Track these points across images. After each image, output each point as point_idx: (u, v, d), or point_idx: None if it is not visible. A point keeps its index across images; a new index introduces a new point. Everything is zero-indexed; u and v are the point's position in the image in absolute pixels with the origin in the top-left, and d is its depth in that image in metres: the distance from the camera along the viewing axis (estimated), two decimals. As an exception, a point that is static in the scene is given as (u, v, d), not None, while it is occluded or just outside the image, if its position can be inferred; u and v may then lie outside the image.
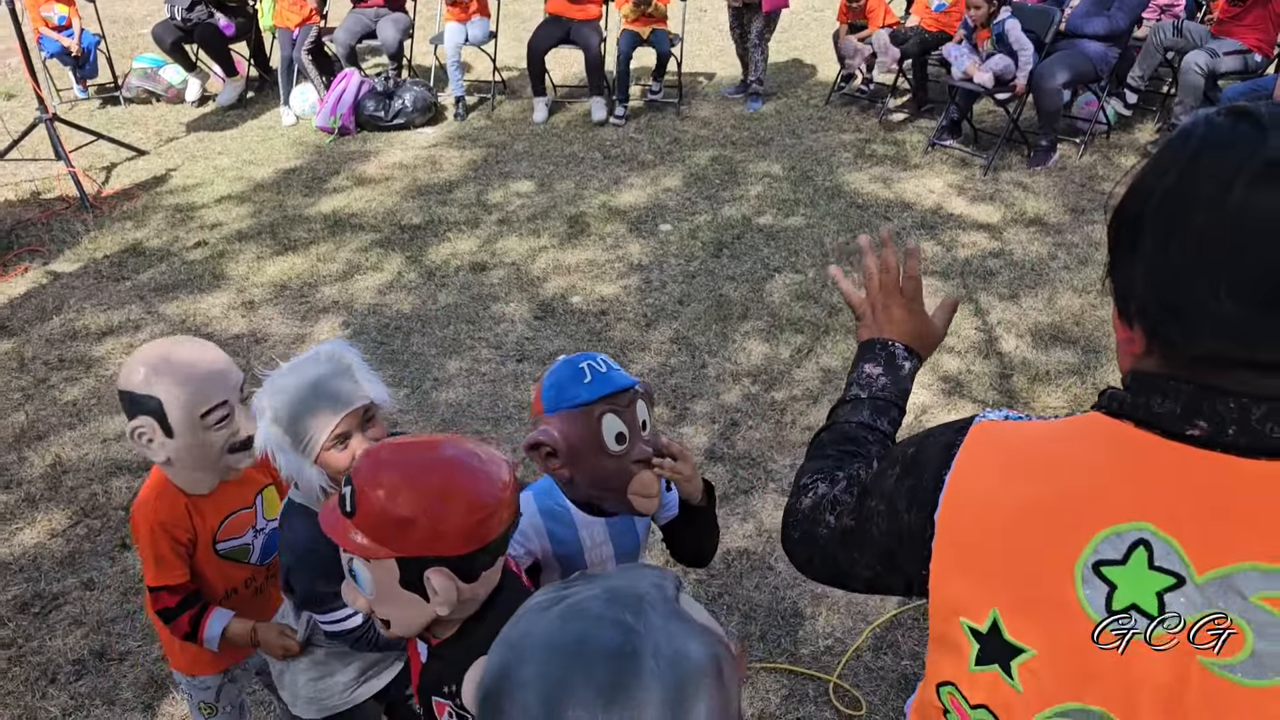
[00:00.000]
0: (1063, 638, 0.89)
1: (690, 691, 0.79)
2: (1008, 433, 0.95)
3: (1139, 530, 0.85)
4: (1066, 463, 0.90)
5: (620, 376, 1.58)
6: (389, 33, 6.94)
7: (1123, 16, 5.75)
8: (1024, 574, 0.90)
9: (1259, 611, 0.81)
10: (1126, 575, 0.85)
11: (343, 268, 4.96)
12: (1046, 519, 0.89)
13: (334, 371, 1.63)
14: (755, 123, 6.76)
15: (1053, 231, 5.11)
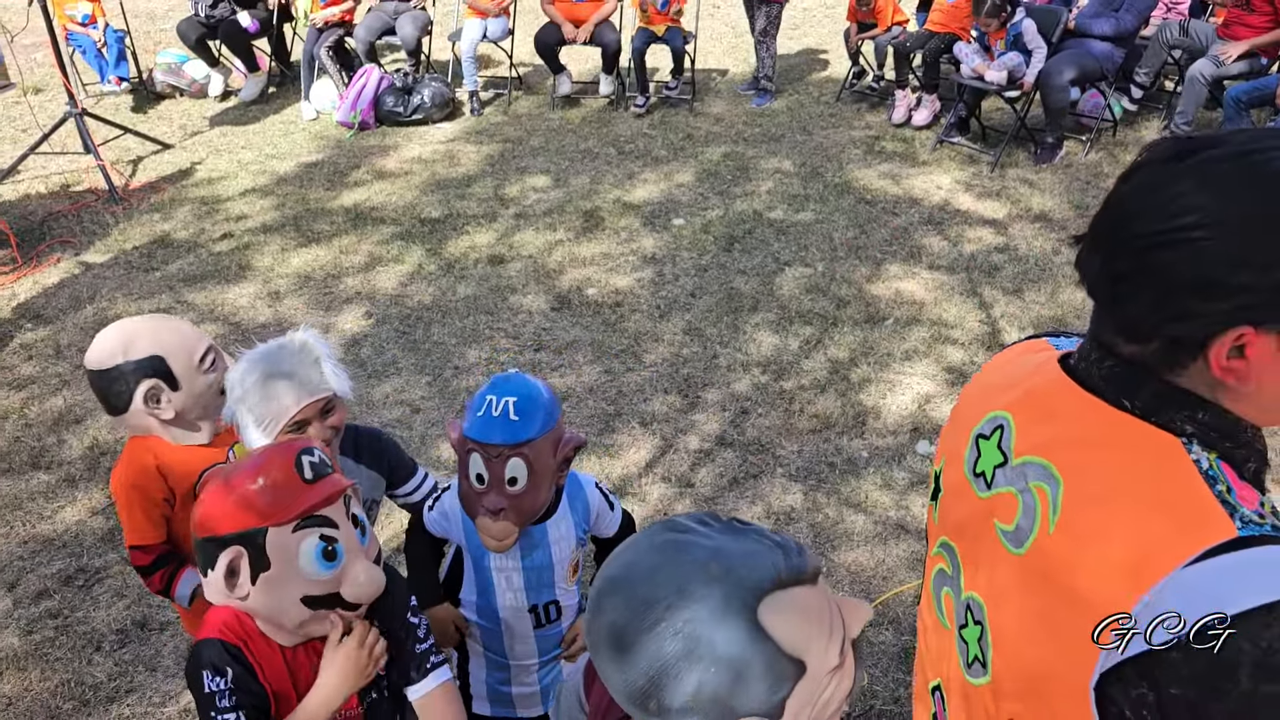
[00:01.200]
0: (952, 487, 1.15)
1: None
2: (1030, 345, 1.18)
3: (1003, 417, 1.08)
4: (1010, 364, 1.15)
5: (502, 432, 1.65)
6: (408, 29, 7.08)
7: (1131, 17, 5.85)
8: (955, 434, 1.17)
9: (1029, 495, 1.00)
10: (987, 448, 1.09)
11: (365, 259, 5.11)
12: (977, 397, 1.15)
13: (302, 360, 1.75)
14: (766, 119, 6.88)
15: (1057, 227, 5.23)
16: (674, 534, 0.90)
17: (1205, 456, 0.92)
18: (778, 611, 0.86)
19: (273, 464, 1.41)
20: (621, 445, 3.72)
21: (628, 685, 0.87)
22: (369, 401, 4.02)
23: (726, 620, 0.84)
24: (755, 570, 0.86)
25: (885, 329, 4.38)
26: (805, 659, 0.87)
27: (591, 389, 4.05)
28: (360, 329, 4.52)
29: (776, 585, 0.87)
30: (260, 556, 1.38)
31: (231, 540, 1.38)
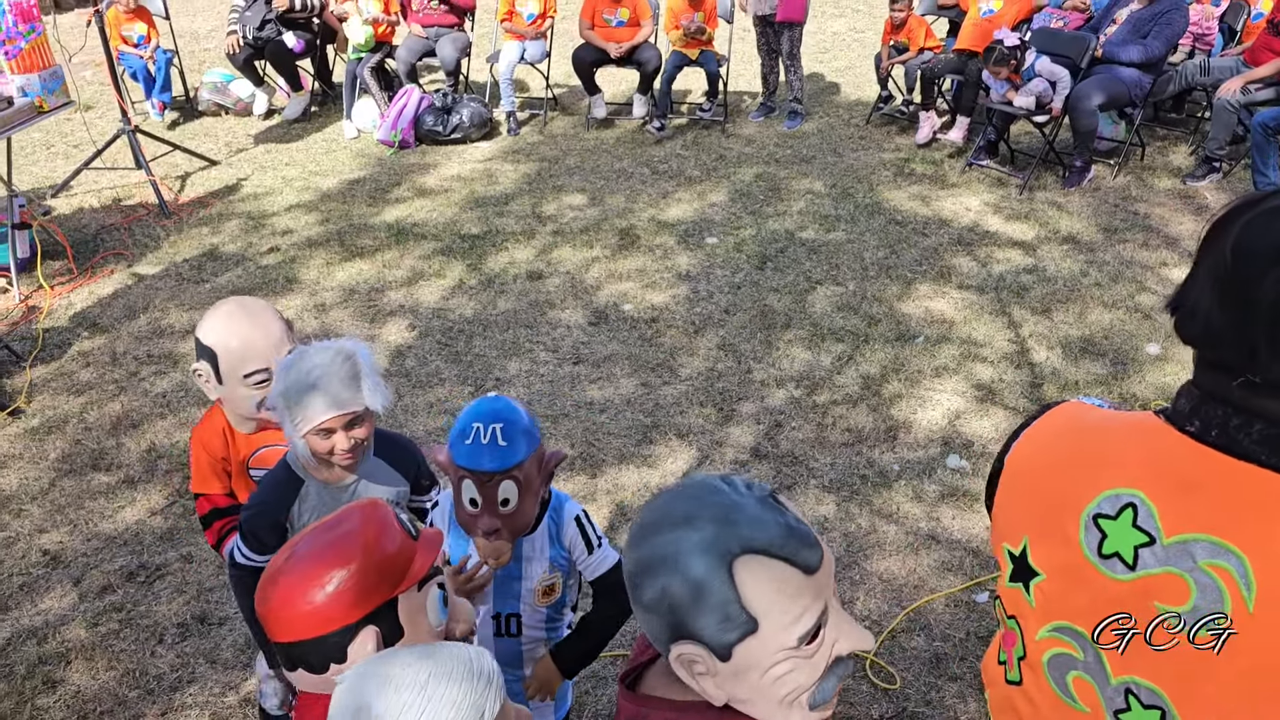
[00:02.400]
0: (1064, 570, 1.12)
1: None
2: (1081, 410, 1.18)
3: (1132, 495, 1.06)
4: (1102, 437, 1.12)
5: (492, 459, 1.70)
6: (448, 51, 7.27)
7: (1159, 45, 5.94)
8: (1048, 514, 1.14)
9: (1202, 574, 1.00)
10: (1115, 529, 1.07)
11: (407, 274, 5.26)
12: (1073, 474, 1.12)
13: (341, 373, 1.85)
14: (797, 141, 7.01)
15: (1085, 249, 5.32)
16: (717, 481, 1.05)
17: None
18: (751, 569, 0.99)
19: (378, 531, 1.31)
20: (659, 456, 3.84)
21: (628, 570, 1.05)
22: (413, 410, 4.16)
23: (706, 554, 0.98)
24: (751, 529, 1.00)
25: (916, 346, 4.48)
26: (760, 620, 0.99)
27: (629, 401, 4.17)
28: (404, 340, 4.66)
29: (762, 551, 0.99)
30: (394, 627, 1.30)
31: (364, 623, 1.27)
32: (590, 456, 3.85)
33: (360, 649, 1.26)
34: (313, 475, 2.00)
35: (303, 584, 1.25)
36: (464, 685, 1.03)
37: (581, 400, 4.19)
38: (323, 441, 1.87)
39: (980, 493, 3.58)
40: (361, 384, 1.88)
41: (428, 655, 1.07)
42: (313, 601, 1.24)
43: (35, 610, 3.21)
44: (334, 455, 1.89)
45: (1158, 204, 5.84)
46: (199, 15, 11.07)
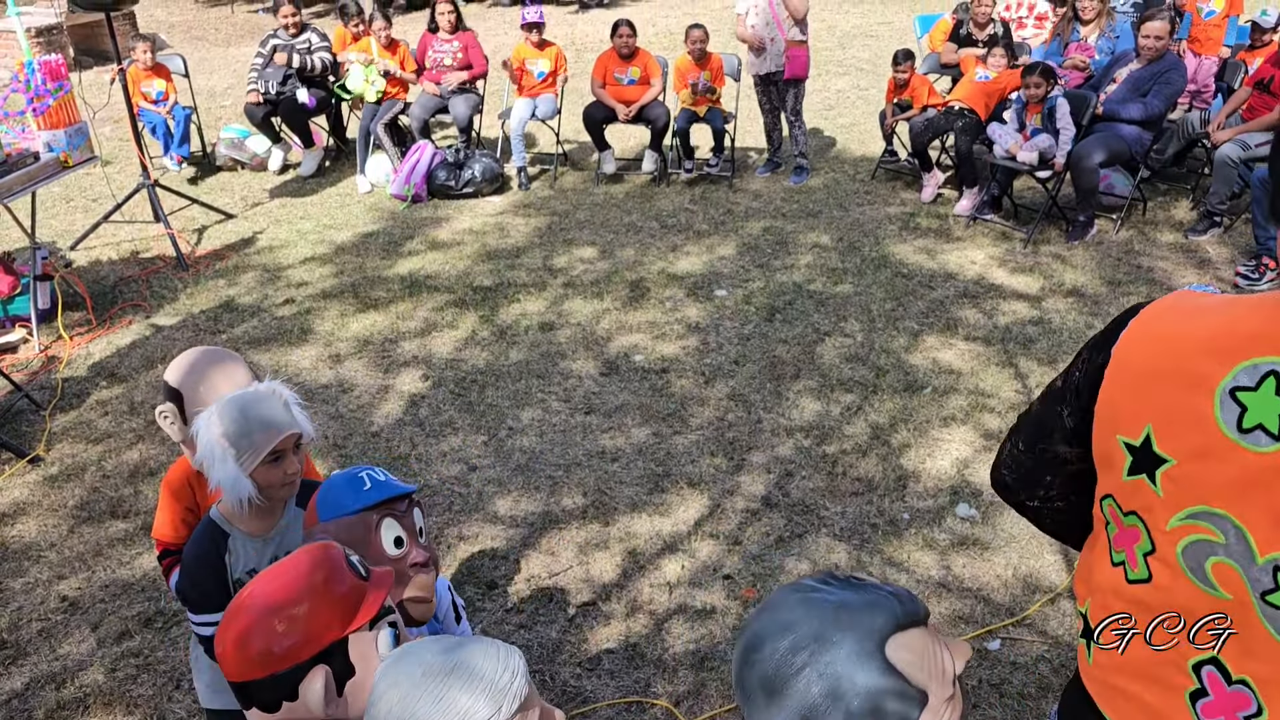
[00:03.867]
0: (1198, 452, 1.09)
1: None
2: (1193, 295, 1.16)
3: (1272, 363, 1.03)
4: (1228, 310, 1.10)
5: (397, 484, 1.70)
6: (460, 108, 7.43)
7: (1159, 103, 6.06)
8: (1175, 396, 1.11)
9: None
10: (1256, 400, 1.04)
11: (421, 325, 5.34)
12: (1200, 352, 1.09)
13: (275, 402, 1.94)
14: (804, 196, 7.13)
15: (1090, 302, 5.39)
16: (803, 593, 1.05)
17: None
18: (902, 650, 1.00)
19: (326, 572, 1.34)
20: (671, 504, 3.87)
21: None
22: (427, 459, 4.20)
23: (862, 660, 0.98)
24: (879, 616, 1.01)
25: (924, 396, 4.53)
26: (927, 689, 1.01)
27: (640, 450, 4.21)
28: (418, 390, 4.72)
29: (897, 628, 1.01)
30: (345, 665, 1.33)
31: (314, 661, 1.30)
32: (602, 505, 3.89)
33: (309, 687, 1.29)
34: (239, 527, 2.01)
35: (255, 625, 1.29)
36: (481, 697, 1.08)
37: (593, 449, 4.23)
38: (274, 469, 1.91)
39: (990, 540, 3.61)
40: (294, 411, 1.96)
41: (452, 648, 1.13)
42: (264, 642, 1.28)
43: (54, 656, 3.23)
44: (286, 478, 1.93)
45: (1160, 258, 5.93)
46: (215, 74, 11.31)
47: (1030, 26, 7.86)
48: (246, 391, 1.94)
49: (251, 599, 1.32)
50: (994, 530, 3.67)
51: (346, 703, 1.33)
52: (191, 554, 2.02)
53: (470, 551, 3.65)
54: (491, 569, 3.56)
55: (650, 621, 3.31)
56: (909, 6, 13.65)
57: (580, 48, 11.91)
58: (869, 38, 12.35)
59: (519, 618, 3.33)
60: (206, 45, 13.38)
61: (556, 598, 3.43)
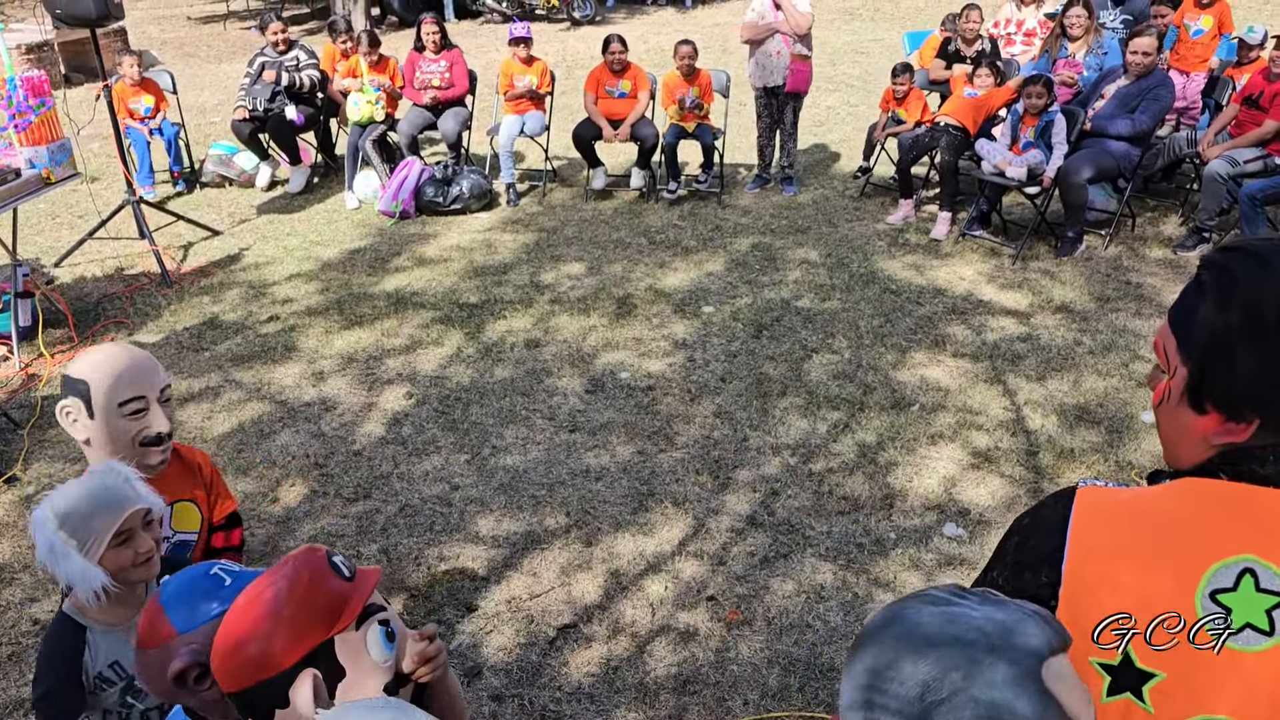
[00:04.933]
0: (1188, 661, 1.06)
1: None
2: (1113, 499, 1.13)
3: (1244, 561, 1.04)
4: (1175, 515, 1.09)
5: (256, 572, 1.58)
6: (449, 124, 7.41)
7: (1146, 119, 6.06)
8: (1149, 610, 1.07)
9: None
10: (1238, 599, 1.04)
11: (406, 342, 5.30)
12: (1163, 564, 1.07)
13: (114, 480, 1.83)
14: (793, 211, 7.11)
15: (1079, 318, 5.36)
16: (939, 606, 0.93)
17: None
18: (1058, 678, 0.89)
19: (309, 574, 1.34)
20: (655, 524, 3.83)
21: None
22: (409, 478, 4.15)
23: (1023, 687, 0.86)
24: (1033, 639, 0.89)
25: (911, 414, 4.50)
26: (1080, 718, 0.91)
27: (625, 469, 4.17)
28: (402, 408, 4.67)
29: (1051, 652, 0.90)
30: (334, 667, 1.32)
31: (301, 666, 1.30)
32: (586, 524, 3.84)
33: (299, 691, 1.29)
34: (96, 620, 1.89)
35: (240, 635, 1.30)
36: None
37: (577, 468, 4.19)
38: (124, 551, 1.81)
39: (978, 560, 3.57)
40: (135, 486, 1.85)
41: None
42: (249, 650, 1.29)
43: (23, 681, 3.17)
44: (139, 558, 1.83)
45: (1149, 273, 5.91)
46: (206, 90, 11.30)
47: (1019, 43, 7.86)
48: (77, 480, 1.83)
49: (238, 611, 1.33)
50: (982, 550, 3.63)
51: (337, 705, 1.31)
52: (48, 647, 1.90)
53: (450, 572, 3.60)
54: (471, 590, 3.51)
55: (632, 644, 3.26)
56: (899, 23, 13.70)
57: (571, 64, 11.92)
58: (859, 54, 12.38)
59: (499, 639, 3.28)
60: (198, 62, 13.38)
61: (537, 619, 3.37)
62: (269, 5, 17.23)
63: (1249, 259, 1.06)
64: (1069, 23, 6.85)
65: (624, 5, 17.33)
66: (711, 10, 16.31)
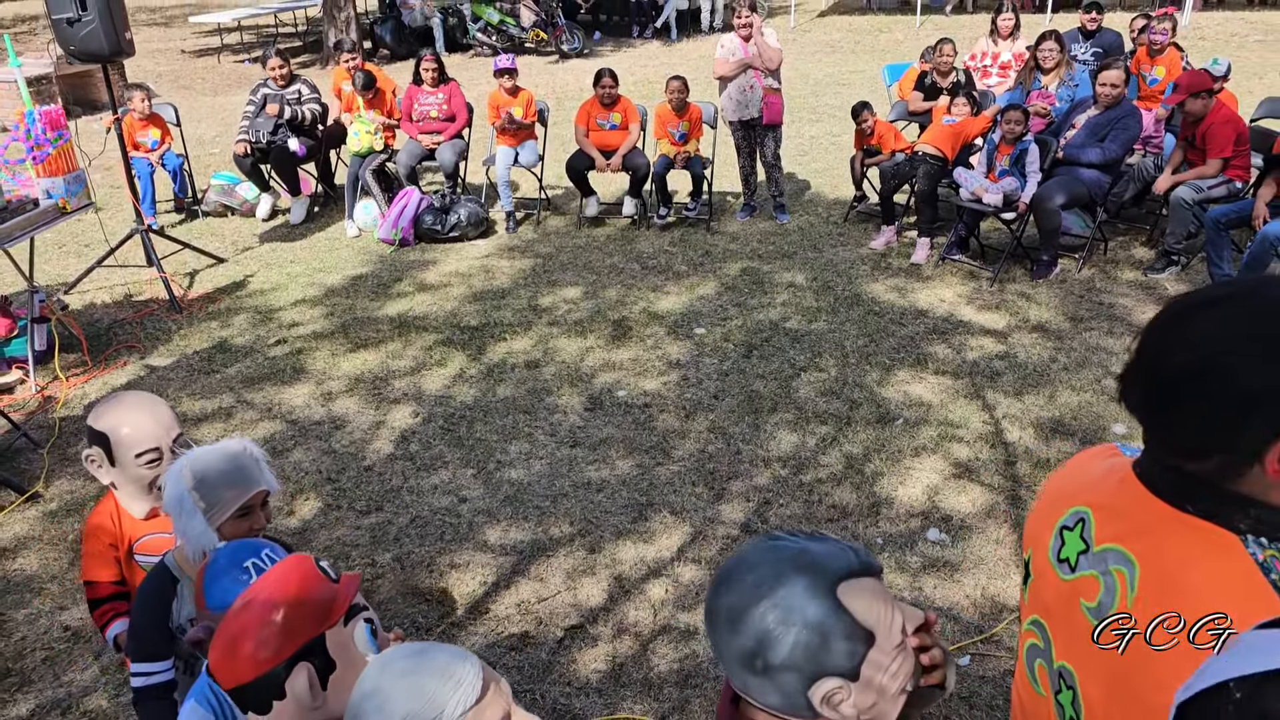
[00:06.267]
0: (1040, 571, 1.36)
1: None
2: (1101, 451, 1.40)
3: (1085, 512, 1.29)
4: (1089, 469, 1.36)
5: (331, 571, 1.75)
6: (446, 155, 7.65)
7: (1116, 148, 6.35)
8: (1042, 527, 1.37)
9: (1109, 576, 1.23)
10: (1070, 538, 1.30)
11: (411, 363, 5.51)
12: (1057, 495, 1.37)
13: (248, 459, 2.05)
14: (780, 237, 7.37)
15: (1054, 337, 5.62)
16: (772, 540, 1.22)
17: (1260, 550, 1.10)
18: (853, 593, 1.16)
19: (299, 579, 1.51)
20: (654, 532, 4.03)
21: (740, 650, 1.15)
22: (418, 491, 4.35)
23: (814, 596, 1.14)
24: (835, 561, 1.17)
25: (896, 428, 4.73)
26: (875, 631, 1.16)
27: (625, 481, 4.38)
28: (409, 426, 4.87)
29: (850, 574, 1.17)
30: (326, 660, 1.49)
31: (297, 659, 1.47)
32: (589, 533, 4.04)
33: (294, 683, 1.46)
34: (190, 575, 2.07)
35: (238, 635, 1.46)
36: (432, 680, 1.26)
37: (579, 481, 4.39)
38: (241, 524, 2.01)
39: (959, 562, 3.79)
40: (262, 467, 2.07)
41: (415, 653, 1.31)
42: (247, 648, 1.46)
43: (58, 683, 3.35)
44: (252, 532, 2.03)
45: (1121, 295, 6.18)
46: (203, 122, 11.53)
47: (995, 75, 8.18)
48: (217, 447, 2.04)
49: (235, 613, 1.50)
50: (963, 553, 3.85)
51: (329, 695, 1.50)
52: (144, 592, 2.10)
53: (461, 578, 3.79)
54: (482, 595, 3.70)
55: (636, 643, 3.45)
56: (879, 56, 14.07)
57: (561, 96, 12.22)
58: (841, 86, 12.72)
59: (510, 640, 3.47)
60: (194, 94, 13.62)
61: (546, 621, 3.57)
62: (262, 39, 17.52)
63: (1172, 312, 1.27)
64: (1042, 56, 7.17)
65: (611, 38, 17.70)
66: (696, 43, 16.68)
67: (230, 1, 20.64)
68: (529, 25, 16.05)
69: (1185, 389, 1.11)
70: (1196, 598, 1.11)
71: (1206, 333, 1.10)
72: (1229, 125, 6.17)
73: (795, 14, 18.51)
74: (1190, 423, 1.11)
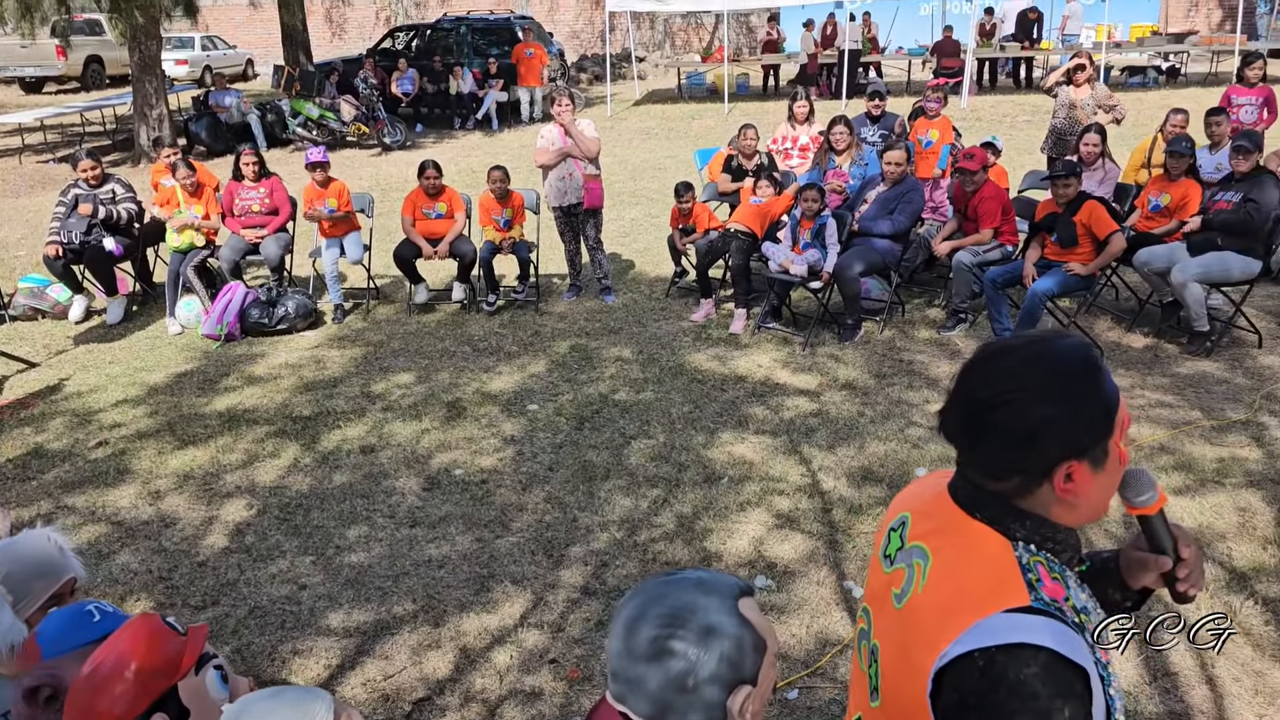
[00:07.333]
0: (875, 564, 1.58)
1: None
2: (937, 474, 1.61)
3: (907, 515, 1.53)
4: (919, 485, 1.60)
5: (125, 616, 1.74)
6: (271, 249, 7.66)
7: (904, 219, 7.01)
8: (880, 533, 1.60)
9: (911, 569, 1.48)
10: (894, 537, 1.52)
11: (243, 457, 5.46)
12: (896, 506, 1.59)
13: (52, 547, 2.06)
14: (606, 314, 7.69)
15: (861, 394, 6.08)
16: (666, 577, 1.38)
17: (1028, 554, 1.34)
18: (747, 608, 1.35)
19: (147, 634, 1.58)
20: (497, 601, 4.15)
21: (668, 675, 1.26)
22: (256, 582, 4.32)
23: (725, 613, 1.31)
24: (727, 583, 1.35)
25: (722, 486, 5.02)
26: (766, 640, 1.36)
27: (466, 556, 4.48)
28: (243, 519, 4.84)
29: (741, 593, 1.36)
30: (180, 709, 1.56)
31: (152, 711, 1.53)
32: (432, 609, 4.12)
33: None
34: (4, 671, 1.97)
35: (93, 694, 1.52)
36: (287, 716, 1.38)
37: (420, 559, 4.47)
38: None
39: (785, 605, 4.06)
40: (68, 555, 2.07)
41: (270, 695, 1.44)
42: (103, 705, 1.52)
43: None
44: None
45: (919, 352, 6.75)
46: (7, 225, 11.06)
47: (795, 156, 8.84)
48: (19, 538, 2.02)
49: (87, 675, 1.55)
50: (789, 596, 4.13)
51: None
52: None
53: (305, 664, 3.80)
54: (327, 678, 3.72)
55: (484, 709, 3.55)
56: (691, 142, 14.86)
57: (386, 187, 12.34)
58: (657, 170, 13.36)
59: (357, 719, 3.50)
60: (-7, 197, 13.03)
61: (393, 697, 3.62)
62: (68, 138, 16.93)
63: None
64: (834, 138, 7.84)
65: (433, 130, 17.98)
66: (517, 133, 17.16)
67: (30, 101, 19.88)
68: (350, 119, 16.15)
69: (986, 420, 1.35)
70: (967, 585, 1.36)
71: (1001, 375, 1.36)
72: (995, 200, 6.92)
73: (612, 103, 19.31)
74: (992, 448, 1.36)
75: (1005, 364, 1.37)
